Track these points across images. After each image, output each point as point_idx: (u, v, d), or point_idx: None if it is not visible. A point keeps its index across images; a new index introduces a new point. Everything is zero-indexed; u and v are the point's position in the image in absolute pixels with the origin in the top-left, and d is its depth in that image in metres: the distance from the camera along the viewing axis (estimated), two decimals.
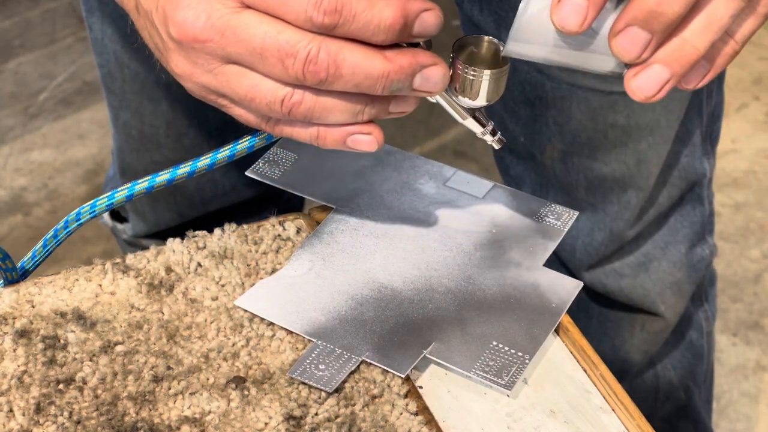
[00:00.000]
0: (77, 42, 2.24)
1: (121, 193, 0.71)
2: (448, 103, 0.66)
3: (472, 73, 0.64)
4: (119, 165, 1.11)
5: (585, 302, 1.15)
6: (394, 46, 0.62)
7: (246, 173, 0.78)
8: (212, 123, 1.03)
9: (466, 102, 0.66)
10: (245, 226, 0.74)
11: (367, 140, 0.65)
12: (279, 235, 0.74)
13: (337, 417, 0.63)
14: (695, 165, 1.07)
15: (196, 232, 0.73)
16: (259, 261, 0.72)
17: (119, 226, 1.17)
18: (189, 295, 0.70)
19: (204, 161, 0.70)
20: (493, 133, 0.68)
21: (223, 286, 0.71)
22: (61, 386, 0.64)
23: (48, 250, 0.73)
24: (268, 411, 0.63)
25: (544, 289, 0.71)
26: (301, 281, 0.70)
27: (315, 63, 0.60)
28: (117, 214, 1.17)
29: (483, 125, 0.68)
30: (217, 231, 0.74)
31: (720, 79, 1.07)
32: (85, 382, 0.65)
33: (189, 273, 0.71)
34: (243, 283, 0.71)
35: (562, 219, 0.76)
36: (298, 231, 0.75)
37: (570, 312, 0.70)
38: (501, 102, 1.04)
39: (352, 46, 0.61)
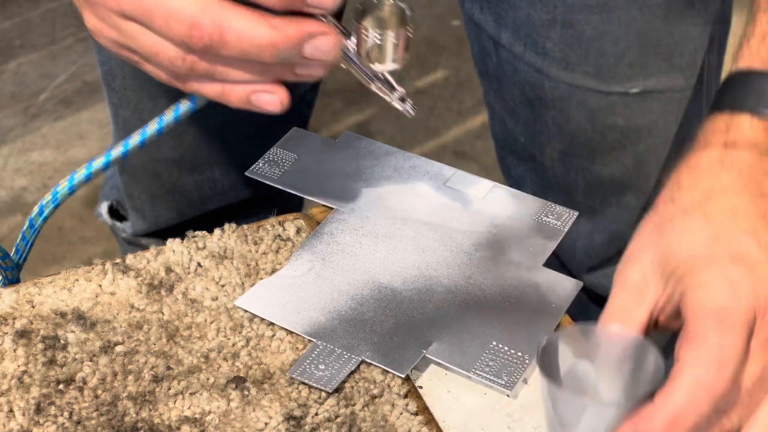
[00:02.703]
0: (77, 42, 2.24)
1: (80, 173, 0.71)
2: (355, 70, 0.65)
3: (375, 36, 0.63)
4: (118, 163, 1.10)
5: (585, 304, 1.14)
6: (292, 16, 0.61)
7: (246, 173, 0.78)
8: (211, 121, 1.03)
9: (377, 67, 0.65)
10: (245, 226, 0.75)
11: (271, 99, 0.64)
12: (279, 235, 0.74)
13: (337, 417, 0.63)
14: None
15: (196, 233, 0.74)
16: (259, 261, 0.72)
17: (118, 224, 1.17)
18: (189, 295, 0.70)
19: (152, 126, 0.70)
20: (403, 100, 0.67)
21: (223, 286, 0.71)
22: (61, 386, 0.64)
23: (35, 230, 0.73)
24: (268, 411, 0.63)
25: (544, 289, 0.71)
26: (301, 281, 0.70)
27: (199, 28, 0.60)
28: (116, 213, 1.17)
29: (393, 90, 0.67)
30: (217, 231, 0.74)
31: (720, 79, 1.07)
32: (85, 382, 0.65)
33: (189, 273, 0.71)
34: (243, 283, 0.71)
35: (562, 219, 0.76)
36: (298, 231, 0.75)
37: (569, 313, 0.70)
38: (501, 102, 1.04)
39: (238, 12, 0.60)
